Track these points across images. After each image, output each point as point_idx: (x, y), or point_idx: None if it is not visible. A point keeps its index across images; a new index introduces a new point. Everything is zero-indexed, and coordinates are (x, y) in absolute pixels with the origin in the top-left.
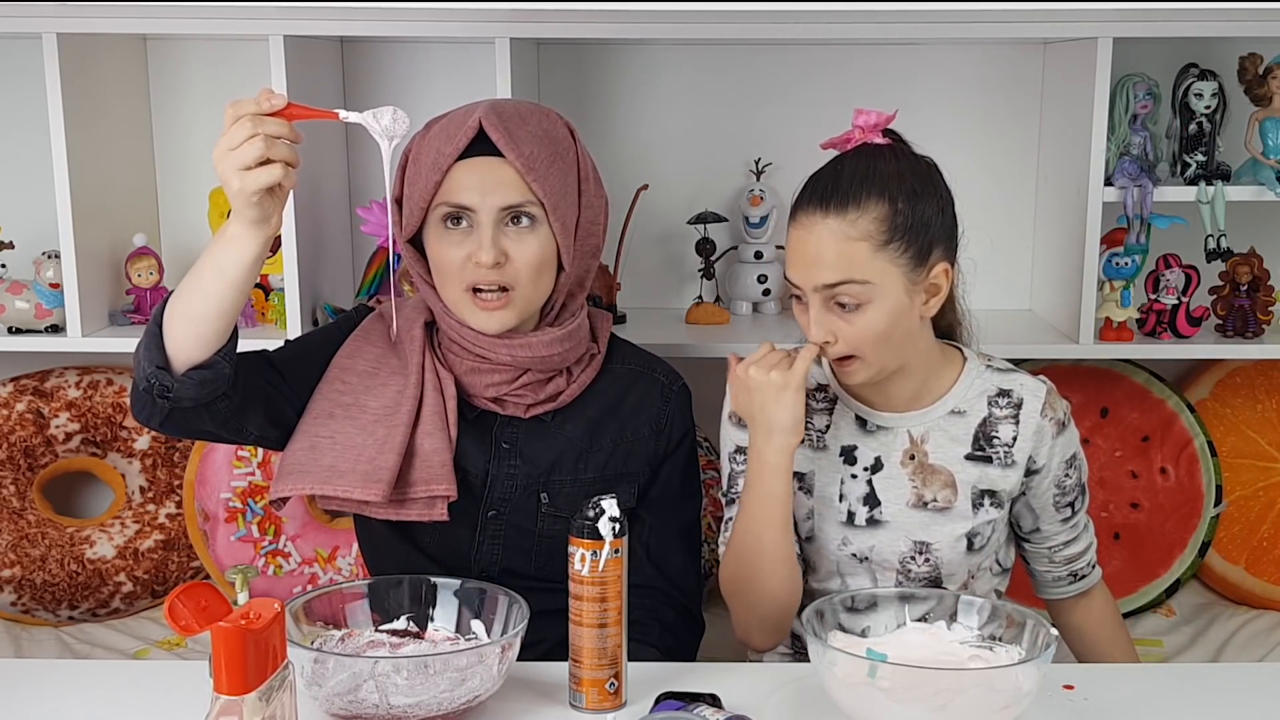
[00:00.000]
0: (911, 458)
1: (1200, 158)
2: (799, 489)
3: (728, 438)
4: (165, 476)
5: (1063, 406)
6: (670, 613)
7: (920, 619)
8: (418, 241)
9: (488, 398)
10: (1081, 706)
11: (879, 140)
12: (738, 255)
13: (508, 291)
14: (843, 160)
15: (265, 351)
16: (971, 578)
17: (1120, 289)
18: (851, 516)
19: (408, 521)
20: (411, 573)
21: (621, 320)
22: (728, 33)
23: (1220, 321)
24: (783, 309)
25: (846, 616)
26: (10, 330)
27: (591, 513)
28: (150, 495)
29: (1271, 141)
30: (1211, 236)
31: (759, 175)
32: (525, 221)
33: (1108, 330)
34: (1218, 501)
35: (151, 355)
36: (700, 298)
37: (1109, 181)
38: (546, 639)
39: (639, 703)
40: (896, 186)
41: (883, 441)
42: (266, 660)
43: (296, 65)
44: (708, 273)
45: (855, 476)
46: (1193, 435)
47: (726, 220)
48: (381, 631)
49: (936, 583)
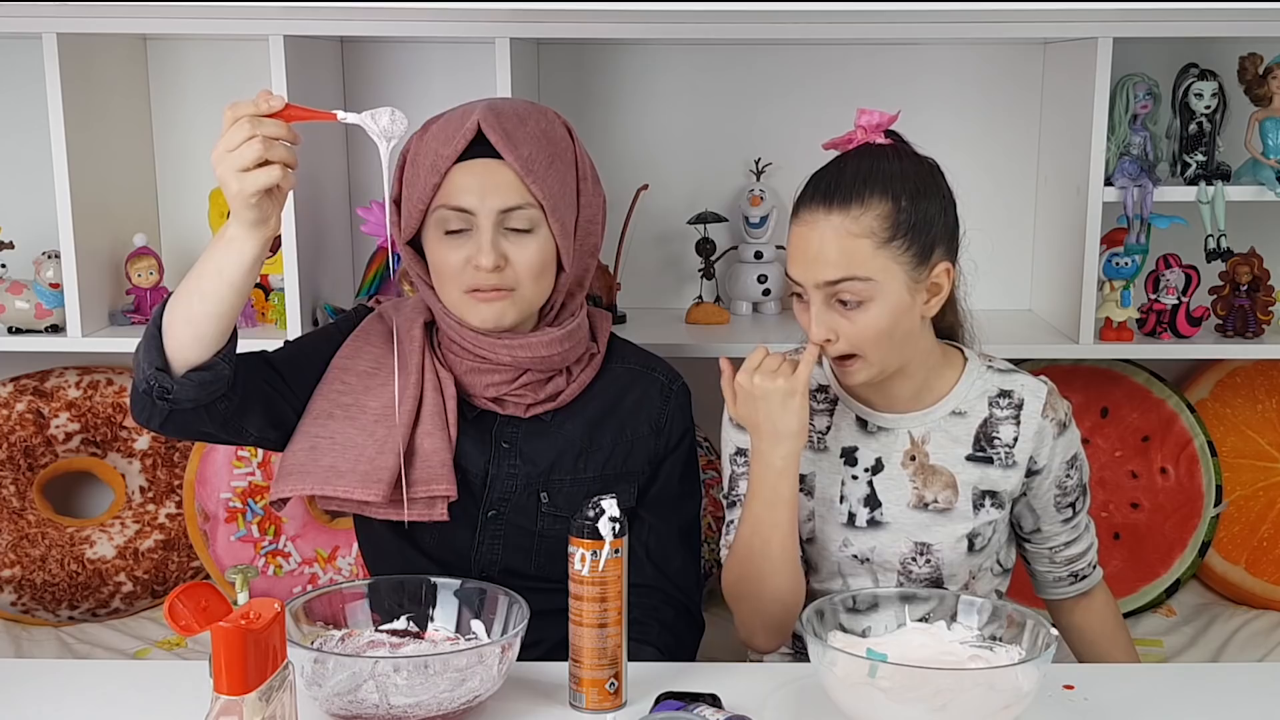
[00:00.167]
0: (912, 458)
1: (1200, 158)
2: (799, 490)
3: (729, 440)
4: (165, 476)
5: (1064, 407)
6: (670, 612)
7: (921, 619)
8: (416, 243)
9: (487, 397)
10: (1081, 706)
11: (881, 140)
12: (738, 255)
13: (508, 290)
14: (846, 159)
15: (265, 352)
16: (972, 578)
17: (1120, 289)
18: (852, 518)
19: (408, 521)
20: (411, 573)
21: (621, 320)
22: (728, 33)
23: (1220, 321)
24: (783, 309)
25: (847, 616)
26: (10, 330)
27: (591, 513)
28: (150, 495)
29: (1271, 141)
30: (1211, 236)
31: (759, 175)
32: (524, 224)
33: (1108, 330)
34: (1218, 501)
35: (151, 357)
36: (700, 298)
37: (1109, 181)
38: (546, 639)
39: (639, 703)
40: (900, 185)
41: (883, 442)
42: (266, 660)
43: (296, 65)
44: (708, 273)
45: (856, 478)
46: (1193, 435)
47: (726, 220)
48: (381, 631)
49: (937, 583)
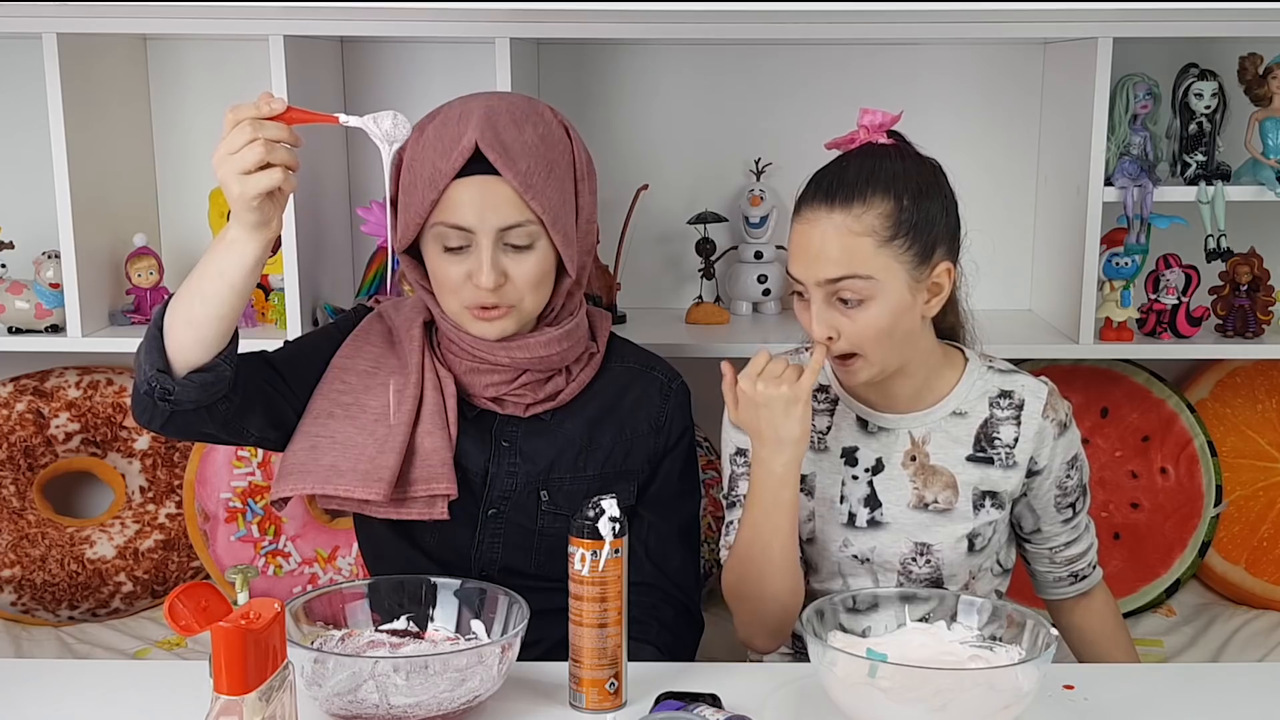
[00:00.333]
0: (913, 459)
1: (1200, 158)
2: (800, 490)
3: (729, 439)
4: (165, 476)
5: (1064, 407)
6: (669, 611)
7: (921, 619)
8: (414, 248)
9: (487, 397)
10: (1081, 706)
11: (884, 140)
12: (738, 255)
13: (509, 307)
14: (848, 158)
15: (265, 353)
16: (972, 578)
17: (1120, 289)
18: (853, 518)
19: (408, 521)
20: (411, 572)
21: (621, 320)
22: (728, 33)
23: (1220, 321)
24: (783, 309)
25: (847, 617)
26: (10, 330)
27: (591, 512)
28: (150, 495)
29: (1271, 141)
30: (1211, 236)
31: (759, 175)
32: (524, 240)
33: (1108, 330)
34: (1218, 501)
35: (152, 358)
36: (700, 298)
37: (1109, 181)
38: (546, 638)
39: (639, 703)
40: (902, 184)
41: (884, 443)
42: (266, 660)
43: (296, 65)
44: (708, 273)
45: (856, 478)
46: (1193, 435)
47: (726, 220)
48: (381, 631)
49: (938, 583)
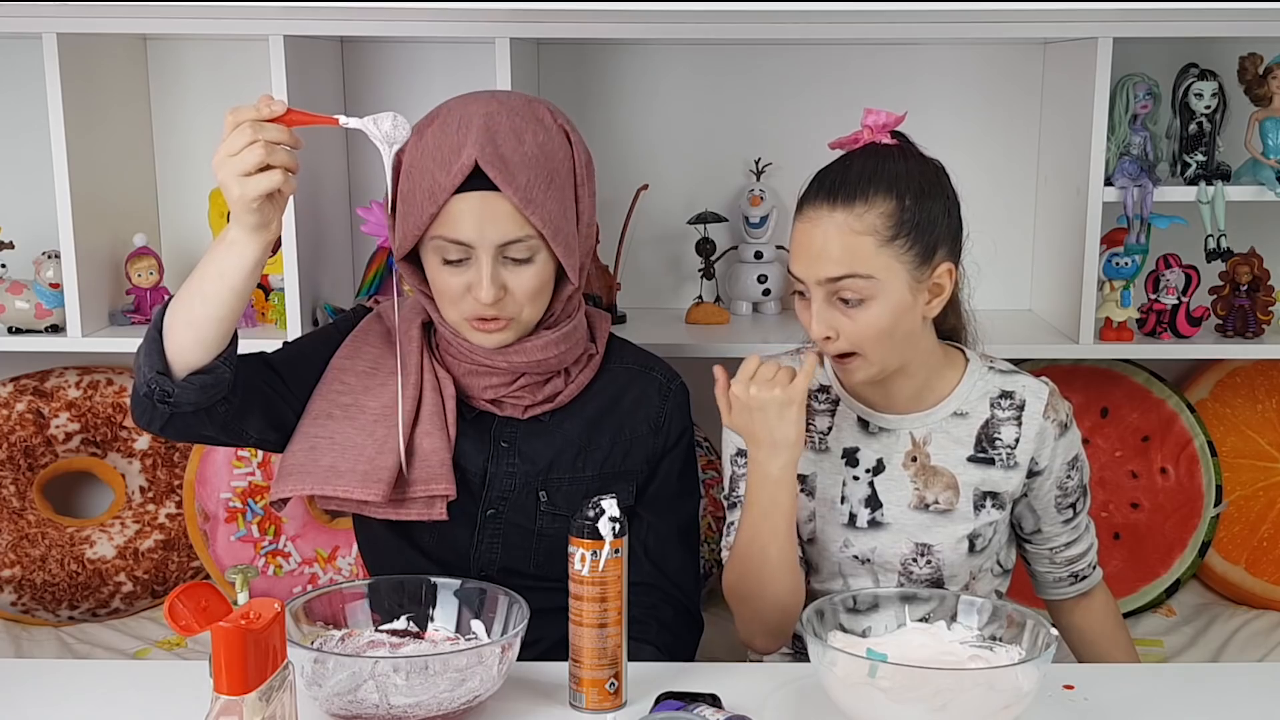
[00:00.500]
0: (913, 459)
1: (1200, 158)
2: (800, 490)
3: (729, 440)
4: (165, 476)
5: (1065, 408)
6: (669, 611)
7: (921, 619)
8: (414, 254)
9: (485, 399)
10: (1081, 706)
11: (887, 140)
12: (738, 255)
13: (508, 319)
14: (851, 158)
15: (264, 354)
16: (973, 579)
17: (1120, 289)
18: (853, 518)
19: (407, 521)
20: (410, 572)
21: (621, 320)
22: (728, 33)
23: (1220, 321)
24: (783, 309)
25: (847, 617)
26: (10, 330)
27: (591, 513)
28: (150, 495)
29: (1271, 141)
30: (1211, 236)
31: (759, 175)
32: (524, 254)
33: (1108, 330)
34: (1218, 501)
35: (152, 360)
36: (700, 298)
37: (1109, 181)
38: (546, 637)
39: (639, 703)
40: (904, 184)
41: (885, 443)
42: (266, 660)
43: (296, 65)
44: (708, 273)
45: (857, 478)
46: (1193, 435)
47: (726, 220)
48: (381, 631)
49: (938, 584)
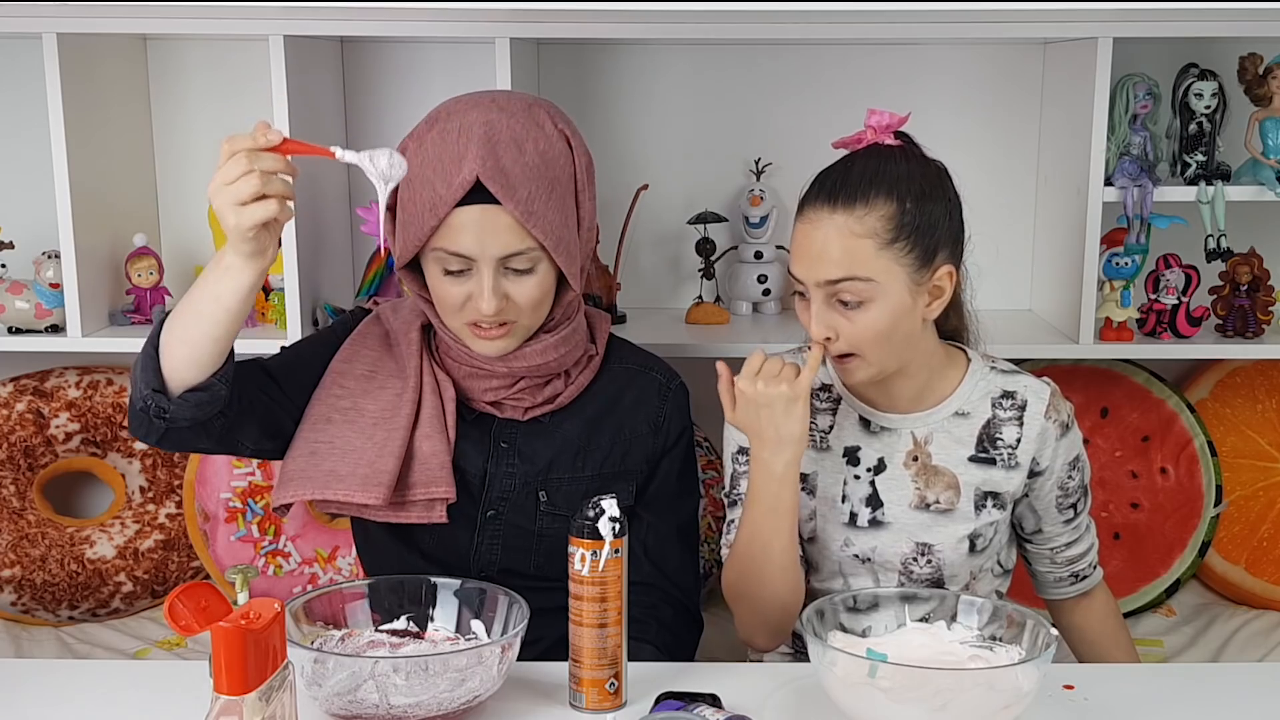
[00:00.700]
0: (915, 459)
1: (1200, 158)
2: (801, 489)
3: (730, 438)
4: (165, 476)
5: (1066, 408)
6: (668, 610)
7: (921, 619)
8: (414, 261)
9: (485, 401)
10: (1081, 706)
11: (890, 141)
12: (738, 255)
13: (510, 324)
14: (853, 159)
15: (261, 360)
16: (973, 579)
17: (1120, 289)
18: (854, 517)
19: (406, 524)
20: (410, 574)
21: (621, 320)
22: (728, 33)
23: (1220, 321)
24: (783, 309)
25: (847, 616)
26: (10, 330)
27: (591, 513)
28: (150, 495)
29: (1271, 141)
30: (1211, 236)
31: (759, 175)
32: (525, 266)
33: (1108, 330)
34: (1218, 501)
35: (148, 377)
36: (700, 298)
37: (1109, 181)
38: (545, 636)
39: (639, 703)
40: (905, 187)
41: (886, 443)
42: (266, 660)
43: (296, 65)
44: (708, 273)
45: (858, 477)
46: (1193, 435)
47: (726, 220)
48: (381, 631)
49: (938, 584)
